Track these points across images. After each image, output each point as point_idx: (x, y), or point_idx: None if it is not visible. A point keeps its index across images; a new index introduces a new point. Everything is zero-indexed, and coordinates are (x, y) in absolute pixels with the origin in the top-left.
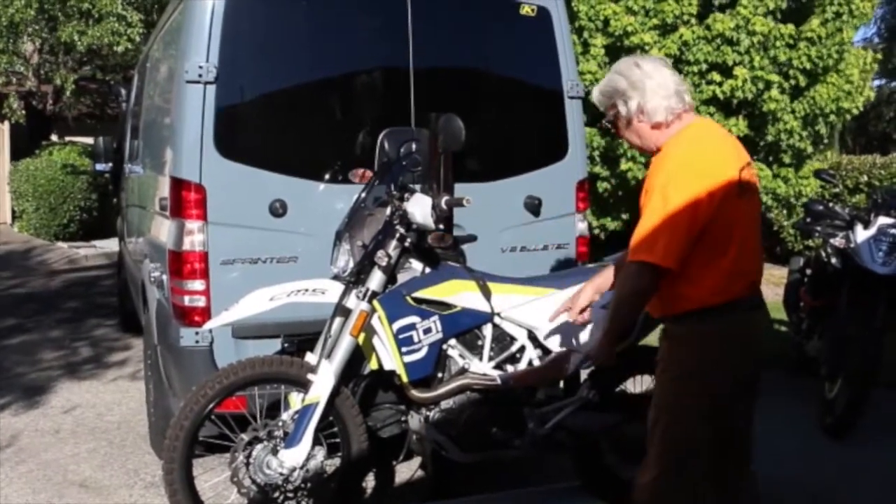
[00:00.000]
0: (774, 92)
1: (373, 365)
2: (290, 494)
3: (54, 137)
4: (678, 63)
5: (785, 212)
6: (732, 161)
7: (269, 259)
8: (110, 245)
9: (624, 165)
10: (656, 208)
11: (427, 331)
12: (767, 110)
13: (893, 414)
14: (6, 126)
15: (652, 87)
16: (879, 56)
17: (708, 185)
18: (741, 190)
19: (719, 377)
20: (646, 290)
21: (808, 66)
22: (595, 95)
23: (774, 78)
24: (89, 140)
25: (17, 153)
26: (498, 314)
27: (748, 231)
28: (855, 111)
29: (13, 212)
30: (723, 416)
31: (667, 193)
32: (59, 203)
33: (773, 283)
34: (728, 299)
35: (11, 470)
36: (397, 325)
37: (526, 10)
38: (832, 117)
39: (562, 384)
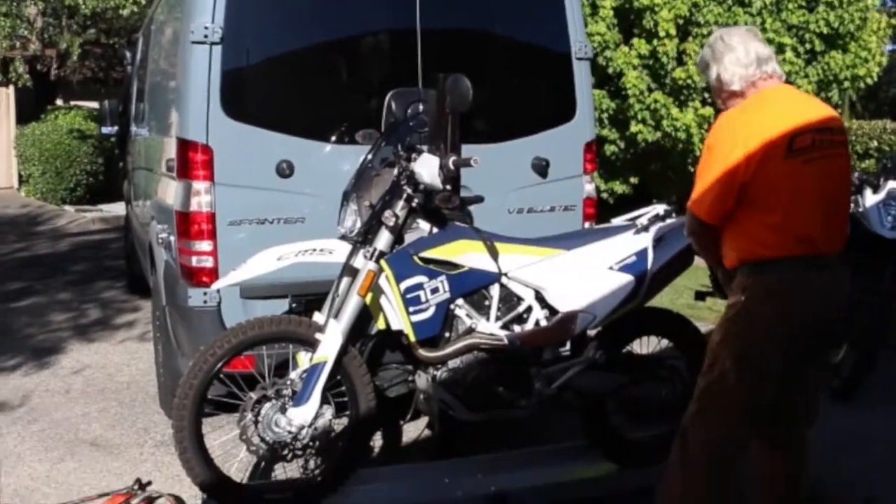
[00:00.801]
0: (789, 54)
1: (380, 325)
2: (299, 452)
3: (59, 102)
4: (688, 24)
5: None
6: (785, 124)
7: (277, 219)
8: (117, 209)
9: (633, 128)
10: (703, 165)
11: (434, 290)
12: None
13: None
14: (11, 90)
15: (730, 59)
16: (894, 21)
17: (746, 145)
18: (790, 153)
19: (763, 331)
20: (695, 233)
21: (825, 30)
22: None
23: (787, 41)
24: (94, 104)
25: (23, 117)
26: (505, 274)
27: (800, 193)
28: (870, 80)
29: (20, 176)
30: (763, 370)
31: (711, 152)
32: (66, 167)
33: None
34: (776, 256)
35: (24, 429)
36: (405, 284)
37: None
38: (846, 84)
39: (568, 344)
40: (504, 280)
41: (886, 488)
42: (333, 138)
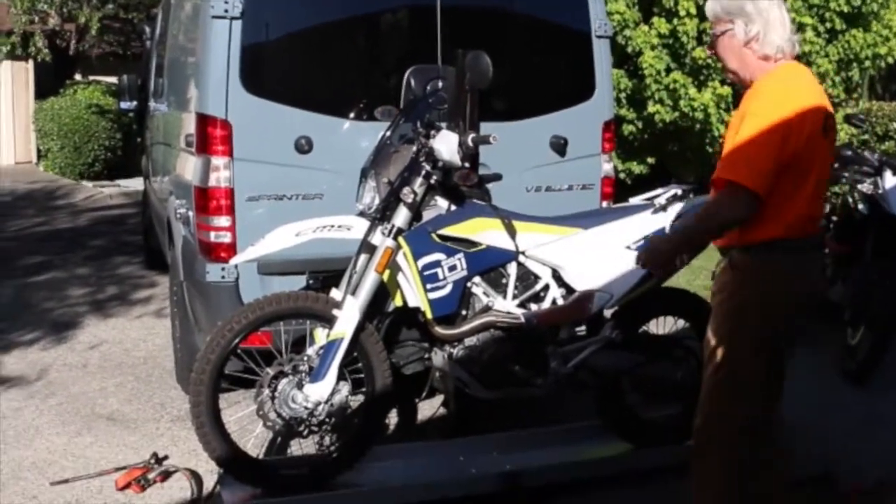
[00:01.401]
0: (809, 34)
1: (397, 302)
2: (315, 428)
3: (78, 76)
4: None
5: None
6: (820, 102)
7: (295, 195)
8: (135, 184)
9: (651, 108)
10: (749, 133)
11: (452, 268)
12: (801, 52)
13: None
14: (30, 65)
15: (776, 22)
16: None
17: (799, 119)
18: (825, 131)
19: (781, 315)
20: (744, 218)
21: (845, 8)
22: (712, 5)
23: (808, 20)
24: (113, 79)
25: (42, 92)
26: (523, 252)
27: (822, 173)
28: (891, 59)
29: (38, 151)
30: (778, 349)
31: (761, 121)
32: (84, 142)
33: None
34: (799, 235)
35: (42, 402)
36: (422, 261)
37: None
38: (867, 63)
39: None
40: (521, 258)
41: None
42: (352, 115)
